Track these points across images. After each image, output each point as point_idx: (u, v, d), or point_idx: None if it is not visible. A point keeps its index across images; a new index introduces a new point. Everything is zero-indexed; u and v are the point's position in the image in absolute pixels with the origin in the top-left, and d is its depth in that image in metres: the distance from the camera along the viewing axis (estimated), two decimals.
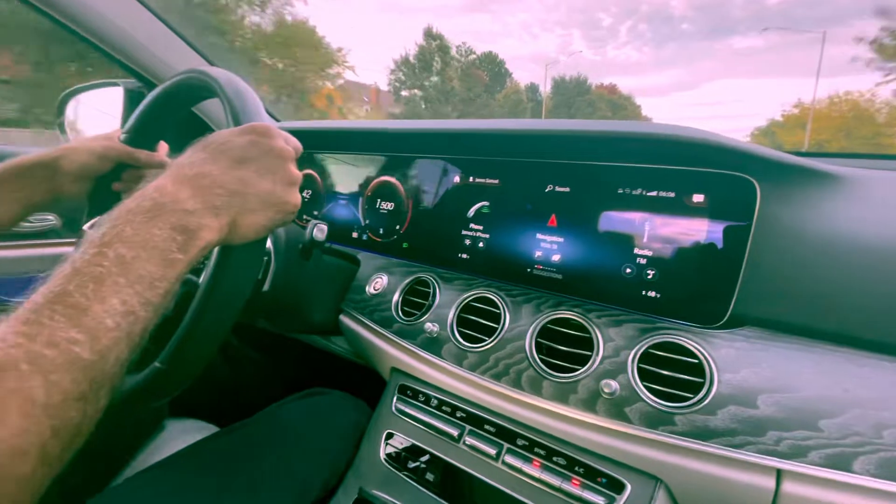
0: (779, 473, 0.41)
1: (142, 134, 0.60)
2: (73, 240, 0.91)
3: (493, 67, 42.38)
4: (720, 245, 0.51)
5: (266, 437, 0.63)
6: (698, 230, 0.52)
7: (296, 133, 0.47)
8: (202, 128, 0.99)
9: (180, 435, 0.75)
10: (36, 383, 0.23)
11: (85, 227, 0.59)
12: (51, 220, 0.93)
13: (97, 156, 0.57)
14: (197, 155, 0.38)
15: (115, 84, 0.95)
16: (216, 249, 0.40)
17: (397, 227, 0.79)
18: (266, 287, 0.62)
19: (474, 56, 41.24)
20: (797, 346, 0.45)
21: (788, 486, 0.40)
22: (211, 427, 0.78)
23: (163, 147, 0.63)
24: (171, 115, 0.59)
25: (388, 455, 0.62)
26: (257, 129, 0.40)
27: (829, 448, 0.39)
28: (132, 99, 0.96)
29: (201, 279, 0.41)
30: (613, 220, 0.57)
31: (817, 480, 0.39)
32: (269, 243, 0.64)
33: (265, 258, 0.64)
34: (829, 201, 0.48)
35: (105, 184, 0.60)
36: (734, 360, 0.46)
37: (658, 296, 0.54)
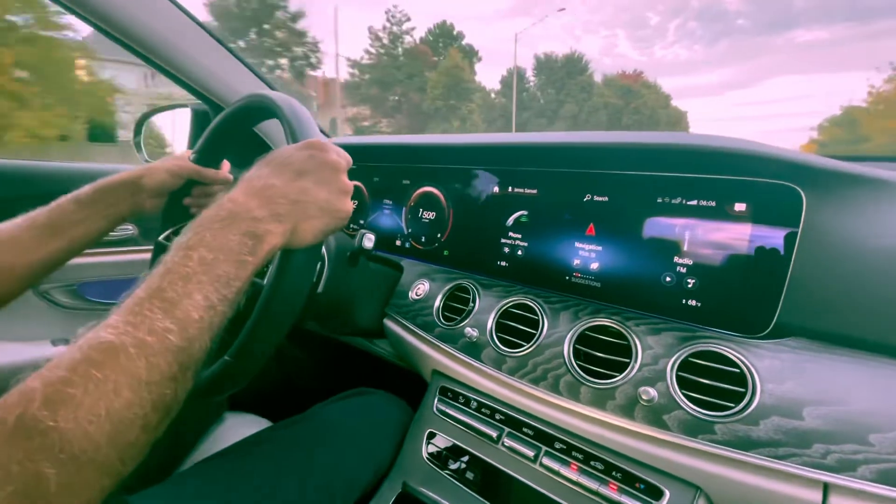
0: (826, 487, 0.40)
1: (208, 153, 0.67)
2: (149, 247, 1.01)
3: (448, 43, 31.97)
4: (764, 255, 0.50)
5: (316, 433, 0.67)
6: (741, 239, 0.52)
7: (345, 147, 0.51)
8: (261, 144, 1.07)
9: (238, 427, 0.82)
10: (140, 364, 0.28)
11: (160, 238, 0.67)
12: (130, 229, 1.03)
13: (172, 174, 0.65)
14: (263, 170, 0.43)
15: (185, 106, 1.05)
16: (278, 253, 0.45)
17: (438, 235, 0.82)
18: (320, 289, 0.67)
19: (409, 24, 30.09)
20: (846, 358, 0.44)
21: (836, 501, 0.39)
22: (265, 421, 0.84)
23: (225, 165, 0.71)
24: (235, 135, 0.66)
25: (430, 454, 0.65)
26: (314, 145, 0.45)
27: (881, 463, 0.38)
28: (198, 119, 1.06)
29: (265, 281, 0.46)
30: (653, 228, 0.58)
31: (867, 496, 0.38)
32: (323, 249, 0.69)
33: (319, 262, 0.69)
34: (882, 209, 0.47)
35: (177, 200, 0.68)
36: (778, 371, 0.45)
37: (699, 305, 0.54)
